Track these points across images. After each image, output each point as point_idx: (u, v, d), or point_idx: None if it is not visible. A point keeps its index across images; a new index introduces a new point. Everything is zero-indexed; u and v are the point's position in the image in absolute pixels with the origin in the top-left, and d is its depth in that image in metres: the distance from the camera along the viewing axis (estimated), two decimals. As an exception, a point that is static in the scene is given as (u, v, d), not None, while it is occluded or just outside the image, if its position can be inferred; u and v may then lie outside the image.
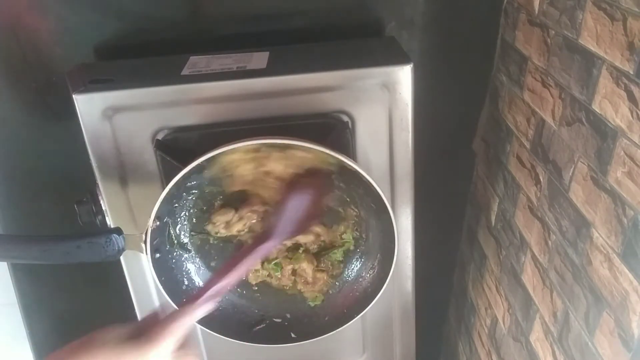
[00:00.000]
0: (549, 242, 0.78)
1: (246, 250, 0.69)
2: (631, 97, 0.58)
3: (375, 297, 0.78)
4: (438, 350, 1.34)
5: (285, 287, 0.83)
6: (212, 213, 0.77)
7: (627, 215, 0.60)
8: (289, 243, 0.80)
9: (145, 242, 0.70)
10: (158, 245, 0.74)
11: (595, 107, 0.65)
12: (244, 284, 0.83)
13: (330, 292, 0.83)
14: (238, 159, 0.70)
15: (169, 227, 0.75)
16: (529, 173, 0.83)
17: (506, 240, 0.93)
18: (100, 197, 0.78)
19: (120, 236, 0.68)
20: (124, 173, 0.77)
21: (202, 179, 0.72)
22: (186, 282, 0.80)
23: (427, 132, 0.85)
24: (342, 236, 0.80)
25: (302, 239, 0.79)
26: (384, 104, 0.76)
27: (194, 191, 0.74)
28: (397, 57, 0.77)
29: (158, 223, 0.72)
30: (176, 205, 0.74)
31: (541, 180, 0.80)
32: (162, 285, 0.75)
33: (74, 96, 0.72)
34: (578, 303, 0.70)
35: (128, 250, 0.70)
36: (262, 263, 0.81)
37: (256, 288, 0.83)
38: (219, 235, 0.78)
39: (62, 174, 0.95)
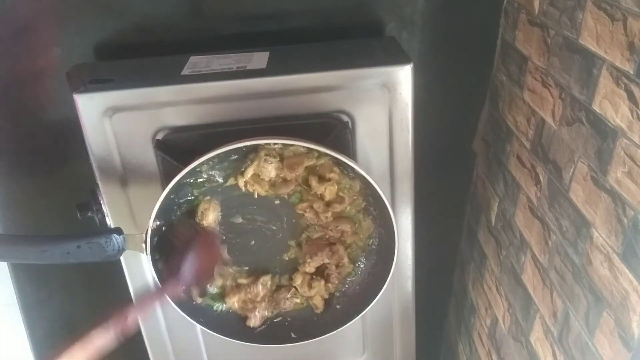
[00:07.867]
0: (549, 242, 0.78)
1: (152, 294, 0.79)
2: (631, 97, 0.58)
3: (375, 297, 0.78)
4: (438, 350, 1.34)
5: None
6: None
7: (627, 215, 0.60)
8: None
9: (145, 242, 0.70)
10: (158, 245, 0.74)
11: (596, 107, 0.65)
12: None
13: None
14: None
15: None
16: (529, 173, 0.83)
17: (506, 240, 0.93)
18: (100, 197, 0.78)
19: (120, 236, 0.68)
20: (124, 173, 0.77)
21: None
22: (186, 282, 0.80)
23: (427, 132, 0.85)
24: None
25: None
26: (384, 104, 0.76)
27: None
28: (397, 57, 0.77)
29: (158, 223, 0.72)
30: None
31: (541, 180, 0.80)
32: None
33: (74, 96, 0.72)
34: (578, 303, 0.70)
35: (128, 250, 0.70)
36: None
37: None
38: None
39: (62, 174, 0.95)
